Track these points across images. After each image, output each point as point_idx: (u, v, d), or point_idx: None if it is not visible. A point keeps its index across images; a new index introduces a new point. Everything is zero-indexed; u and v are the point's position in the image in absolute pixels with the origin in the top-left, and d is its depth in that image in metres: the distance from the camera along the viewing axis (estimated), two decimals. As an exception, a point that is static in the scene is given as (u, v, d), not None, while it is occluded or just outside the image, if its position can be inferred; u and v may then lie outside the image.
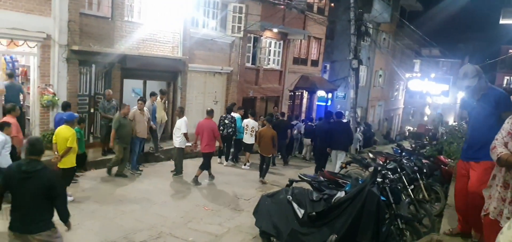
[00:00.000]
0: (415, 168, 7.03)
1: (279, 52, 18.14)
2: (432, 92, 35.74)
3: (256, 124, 11.47)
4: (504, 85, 37.94)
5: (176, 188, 8.74)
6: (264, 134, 9.81)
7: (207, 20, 13.93)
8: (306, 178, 6.43)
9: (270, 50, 17.63)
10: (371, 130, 22.00)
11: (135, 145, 9.13)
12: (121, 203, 7.29)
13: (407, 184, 6.42)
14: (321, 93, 21.99)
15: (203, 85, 14.37)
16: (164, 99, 11.26)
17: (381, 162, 7.59)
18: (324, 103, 22.57)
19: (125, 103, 9.32)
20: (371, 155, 9.15)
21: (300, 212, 4.83)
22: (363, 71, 23.17)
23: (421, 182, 6.90)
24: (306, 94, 21.35)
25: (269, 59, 17.64)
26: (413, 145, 11.90)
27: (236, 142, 11.64)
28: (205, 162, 9.08)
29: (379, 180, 5.12)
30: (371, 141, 19.81)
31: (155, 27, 11.79)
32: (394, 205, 5.11)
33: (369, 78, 25.17)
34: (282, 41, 17.99)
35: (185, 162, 9.72)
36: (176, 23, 12.33)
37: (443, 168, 8.23)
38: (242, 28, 14.44)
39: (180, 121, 9.33)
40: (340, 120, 10.89)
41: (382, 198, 4.82)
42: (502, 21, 11.95)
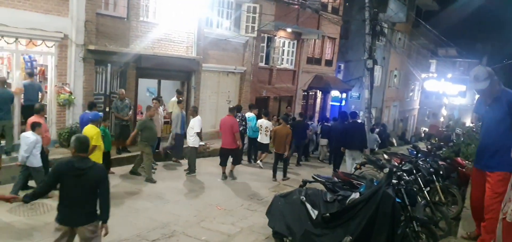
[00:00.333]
0: (431, 169, 6.89)
1: (292, 52, 18.07)
2: (449, 93, 35.08)
3: (270, 123, 11.49)
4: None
5: (189, 186, 8.78)
6: (279, 132, 9.83)
7: (221, 20, 13.97)
8: (319, 178, 6.37)
9: (284, 50, 17.58)
10: (386, 130, 21.71)
11: None
12: (134, 201, 7.37)
13: (423, 186, 6.30)
14: (335, 93, 21.82)
15: (217, 85, 14.42)
16: (180, 99, 11.25)
17: (396, 163, 7.48)
18: (338, 104, 22.39)
19: (149, 105, 9.43)
20: (386, 156, 9.03)
21: (313, 213, 4.78)
22: (378, 71, 22.89)
23: (437, 184, 6.76)
24: (319, 94, 21.21)
25: (282, 59, 17.59)
26: (429, 146, 11.69)
27: (250, 141, 11.67)
28: (233, 158, 9.47)
29: (394, 181, 5.04)
30: (386, 142, 19.53)
31: (170, 27, 11.89)
32: (409, 207, 5.00)
33: (384, 79, 24.87)
34: (295, 41, 17.91)
35: (198, 161, 9.77)
36: (190, 23, 12.41)
37: (460, 170, 8.04)
38: (256, 28, 14.44)
39: (193, 120, 9.38)
40: (355, 120, 10.84)
41: (398, 200, 4.73)
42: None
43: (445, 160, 8.53)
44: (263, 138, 11.31)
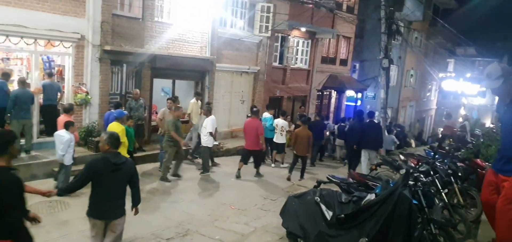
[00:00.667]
0: (449, 171, 6.71)
1: (307, 51, 17.96)
2: (468, 93, 34.27)
3: (286, 123, 11.47)
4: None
5: (203, 186, 8.82)
6: (300, 134, 9.78)
7: (235, 20, 13.98)
8: (334, 179, 6.30)
9: (298, 50, 17.47)
10: (404, 131, 21.35)
11: (161, 142, 9.28)
12: (149, 199, 7.43)
13: (440, 188, 6.13)
14: (350, 93, 21.58)
15: (230, 85, 14.44)
16: (199, 101, 11.28)
17: (413, 164, 7.33)
18: (354, 103, 22.14)
19: (178, 105, 9.55)
20: (402, 157, 8.87)
21: (328, 214, 4.72)
22: (394, 71, 22.56)
23: (455, 185, 6.58)
24: (334, 94, 21.02)
25: (296, 58, 17.49)
26: (447, 147, 11.43)
27: (265, 141, 11.65)
28: (255, 159, 9.71)
29: (411, 182, 4.93)
30: (403, 143, 19.19)
31: (184, 27, 11.97)
32: (426, 209, 4.88)
33: (400, 78, 24.48)
34: (310, 40, 17.79)
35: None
36: (204, 23, 12.46)
37: (480, 172, 7.80)
38: (270, 28, 14.39)
39: (207, 119, 9.41)
40: (372, 120, 10.73)
41: (414, 201, 4.63)
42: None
43: (463, 161, 8.31)
44: (278, 137, 11.29)
